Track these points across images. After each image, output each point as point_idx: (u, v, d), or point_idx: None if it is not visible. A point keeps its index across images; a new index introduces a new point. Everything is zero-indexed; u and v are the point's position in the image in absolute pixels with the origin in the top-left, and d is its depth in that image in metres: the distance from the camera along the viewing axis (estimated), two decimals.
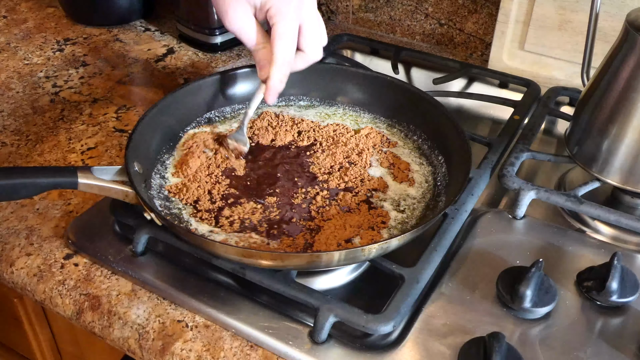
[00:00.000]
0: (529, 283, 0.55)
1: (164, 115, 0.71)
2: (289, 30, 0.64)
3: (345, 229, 0.61)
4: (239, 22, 0.65)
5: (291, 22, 0.64)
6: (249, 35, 0.66)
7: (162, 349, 0.56)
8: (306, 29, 0.66)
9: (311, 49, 0.67)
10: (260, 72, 0.67)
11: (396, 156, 0.73)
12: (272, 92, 0.67)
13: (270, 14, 0.63)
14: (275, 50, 0.64)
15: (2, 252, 0.66)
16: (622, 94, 0.65)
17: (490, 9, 1.00)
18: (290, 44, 0.65)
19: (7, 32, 1.12)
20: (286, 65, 0.66)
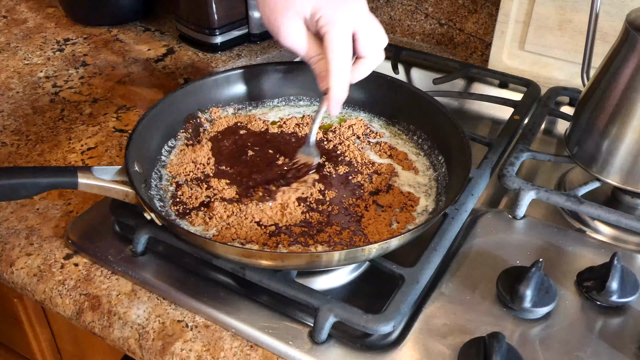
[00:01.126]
0: (529, 283, 0.55)
1: (164, 115, 0.71)
2: (342, 38, 0.62)
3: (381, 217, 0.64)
4: (292, 35, 0.63)
5: (343, 28, 0.61)
6: (304, 48, 0.63)
7: (162, 349, 0.56)
8: (361, 33, 0.63)
9: (370, 53, 0.64)
10: (321, 84, 0.65)
11: (392, 147, 0.74)
12: (335, 103, 0.64)
13: (321, 24, 0.61)
14: (331, 59, 0.62)
15: (2, 252, 0.66)
16: (622, 94, 0.65)
17: (490, 9, 1.00)
18: (345, 51, 0.62)
19: (7, 32, 1.12)
20: (344, 74, 0.63)
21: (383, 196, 0.67)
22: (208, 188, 0.66)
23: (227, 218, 0.62)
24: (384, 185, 0.68)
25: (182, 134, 0.74)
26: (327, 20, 0.61)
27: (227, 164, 0.70)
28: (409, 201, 0.67)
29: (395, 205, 0.66)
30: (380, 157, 0.73)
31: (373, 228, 0.62)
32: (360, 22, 0.63)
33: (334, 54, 0.62)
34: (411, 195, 0.67)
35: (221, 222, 0.62)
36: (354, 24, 0.62)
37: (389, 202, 0.66)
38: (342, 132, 0.76)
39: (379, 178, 0.69)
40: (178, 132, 0.73)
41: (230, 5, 1.02)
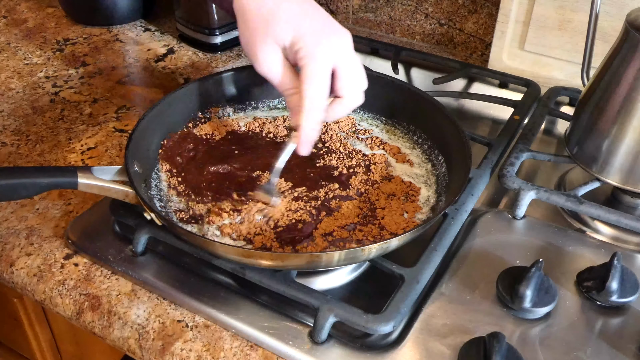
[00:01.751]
0: (529, 283, 0.55)
1: (164, 115, 0.71)
2: (319, 73, 0.58)
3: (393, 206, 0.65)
4: (267, 63, 0.59)
5: (322, 64, 0.58)
6: (279, 78, 0.60)
7: (162, 349, 0.56)
8: (342, 71, 0.59)
9: (349, 92, 0.60)
10: (292, 119, 0.61)
11: (383, 141, 0.75)
12: (305, 142, 0.60)
13: (300, 55, 0.57)
14: (304, 94, 0.58)
15: (2, 252, 0.66)
16: (622, 93, 0.65)
17: (490, 9, 1.00)
18: (321, 87, 0.58)
19: (7, 32, 1.12)
20: (317, 112, 0.59)
21: (386, 184, 0.68)
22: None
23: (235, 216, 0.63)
24: (386, 173, 0.69)
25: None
26: (306, 53, 0.57)
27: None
28: (410, 191, 0.67)
29: (399, 194, 0.66)
30: (372, 149, 0.74)
31: (389, 219, 0.63)
32: (341, 59, 0.59)
33: (309, 90, 0.58)
34: (412, 185, 0.68)
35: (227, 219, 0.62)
36: (335, 60, 0.58)
37: (392, 190, 0.67)
38: (331, 127, 0.77)
39: (377, 167, 0.70)
40: (178, 132, 0.73)
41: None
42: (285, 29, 0.58)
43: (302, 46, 0.57)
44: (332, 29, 0.60)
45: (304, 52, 0.57)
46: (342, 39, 0.60)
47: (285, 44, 0.58)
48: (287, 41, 0.58)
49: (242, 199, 0.65)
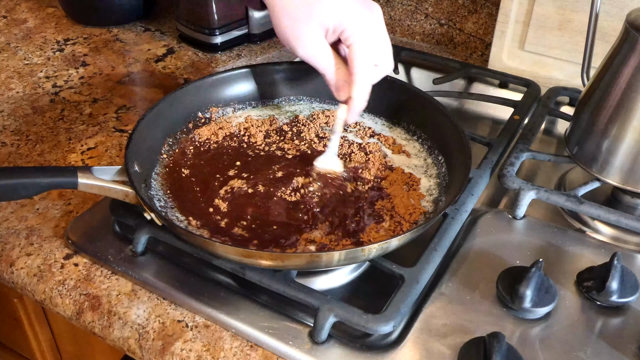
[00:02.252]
0: (529, 283, 0.55)
1: (164, 116, 0.71)
2: (367, 48, 0.63)
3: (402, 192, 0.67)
4: (313, 47, 0.62)
5: (369, 41, 0.63)
6: (326, 60, 0.63)
7: (162, 349, 0.56)
8: (379, 43, 0.64)
9: (384, 62, 0.65)
10: (339, 94, 0.65)
11: (375, 131, 0.76)
12: (355, 112, 0.65)
13: (347, 35, 0.62)
14: (357, 70, 0.62)
15: (2, 252, 0.66)
16: (622, 94, 0.65)
17: (490, 9, 1.00)
18: (370, 62, 0.63)
19: (7, 32, 1.12)
20: (367, 85, 0.64)
21: (389, 174, 0.68)
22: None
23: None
24: (387, 164, 0.71)
25: (181, 134, 0.74)
26: (353, 32, 0.61)
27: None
28: (411, 181, 0.68)
29: (400, 184, 0.67)
30: (362, 139, 0.75)
31: (399, 201, 0.64)
32: (378, 33, 0.64)
33: (360, 66, 0.62)
34: (412, 176, 0.69)
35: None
36: (375, 34, 0.63)
37: (395, 179, 0.68)
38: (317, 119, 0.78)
39: (376, 156, 0.71)
40: (178, 132, 0.73)
41: (230, 5, 1.03)
42: (330, 11, 0.61)
43: (347, 26, 0.61)
44: (367, 4, 0.63)
45: (350, 31, 0.61)
46: (377, 13, 0.64)
47: (329, 27, 0.62)
48: (332, 24, 0.61)
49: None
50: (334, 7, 0.61)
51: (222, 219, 0.62)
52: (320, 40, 0.62)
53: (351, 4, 0.62)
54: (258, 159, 0.71)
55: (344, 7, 0.61)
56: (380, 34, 0.64)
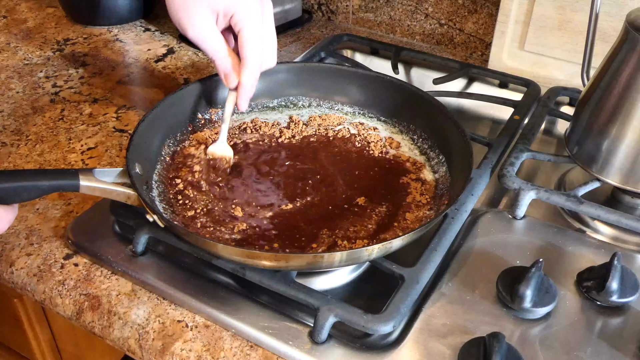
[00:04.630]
0: (529, 283, 0.55)
1: (165, 116, 0.71)
2: (256, 34, 0.64)
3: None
4: (203, 29, 0.64)
5: (258, 26, 0.65)
6: (216, 44, 0.65)
7: (162, 349, 0.56)
8: (265, 36, 0.66)
9: (269, 56, 0.68)
10: (228, 80, 0.67)
11: (361, 123, 0.78)
12: (246, 98, 0.67)
13: (236, 20, 0.63)
14: (247, 54, 0.64)
15: (2, 252, 0.66)
16: (622, 94, 0.65)
17: (490, 9, 1.00)
18: (260, 47, 0.65)
19: (7, 32, 1.12)
20: (257, 70, 0.66)
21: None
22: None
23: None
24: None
25: (182, 135, 0.74)
26: (241, 17, 0.63)
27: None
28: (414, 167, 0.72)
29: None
30: (359, 132, 0.77)
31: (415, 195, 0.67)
32: (266, 25, 0.66)
33: (250, 50, 0.64)
34: (417, 161, 0.72)
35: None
36: (262, 22, 0.65)
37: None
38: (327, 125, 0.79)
39: (379, 144, 0.74)
40: (178, 133, 0.73)
41: None
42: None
43: (236, 10, 0.63)
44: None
45: (239, 15, 0.63)
46: (267, 6, 0.67)
47: (219, 11, 0.63)
48: (221, 8, 0.63)
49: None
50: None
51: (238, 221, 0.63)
52: (210, 23, 0.64)
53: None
54: (260, 159, 0.71)
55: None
56: (267, 27, 0.66)
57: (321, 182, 0.68)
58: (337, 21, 1.18)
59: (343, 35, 1.05)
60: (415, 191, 0.67)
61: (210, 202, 0.65)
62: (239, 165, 0.71)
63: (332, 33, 1.12)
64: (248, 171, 0.70)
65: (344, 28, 1.16)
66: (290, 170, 0.70)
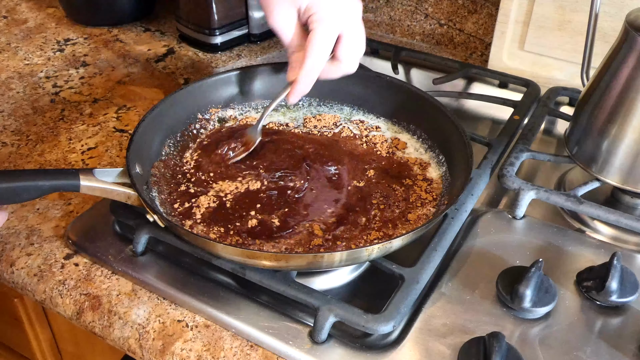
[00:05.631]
0: (528, 283, 0.55)
1: (165, 117, 0.71)
2: (326, 38, 0.63)
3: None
4: (281, 21, 0.64)
5: (330, 29, 0.63)
6: (288, 36, 0.65)
7: (162, 349, 0.56)
8: (346, 38, 0.65)
9: (347, 59, 0.66)
10: (289, 73, 0.67)
11: (362, 120, 0.79)
12: (296, 93, 0.66)
13: (312, 19, 0.63)
14: (308, 55, 0.63)
15: (2, 252, 0.66)
16: (622, 94, 0.65)
17: (490, 9, 1.00)
18: (324, 51, 0.64)
19: (7, 32, 1.12)
20: (315, 72, 0.65)
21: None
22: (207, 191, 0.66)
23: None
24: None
25: (181, 135, 0.74)
26: (319, 17, 0.63)
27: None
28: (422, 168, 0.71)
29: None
30: (362, 132, 0.77)
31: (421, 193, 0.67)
32: (349, 27, 0.64)
33: (313, 51, 0.63)
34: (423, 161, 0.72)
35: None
36: (343, 27, 0.64)
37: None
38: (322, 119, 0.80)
39: (385, 145, 0.75)
40: (178, 133, 0.73)
41: (230, 6, 1.03)
42: None
43: (316, 10, 0.63)
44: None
45: (317, 16, 0.63)
46: (353, 7, 0.65)
47: (301, 7, 0.63)
48: (304, 4, 0.63)
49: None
50: None
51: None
52: (289, 15, 0.64)
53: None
54: (261, 159, 0.71)
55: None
56: (353, 30, 0.65)
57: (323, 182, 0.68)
58: None
59: None
60: (419, 189, 0.68)
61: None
62: (246, 162, 0.71)
63: None
64: (254, 167, 0.70)
65: None
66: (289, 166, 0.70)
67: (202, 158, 0.71)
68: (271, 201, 0.65)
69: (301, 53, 0.65)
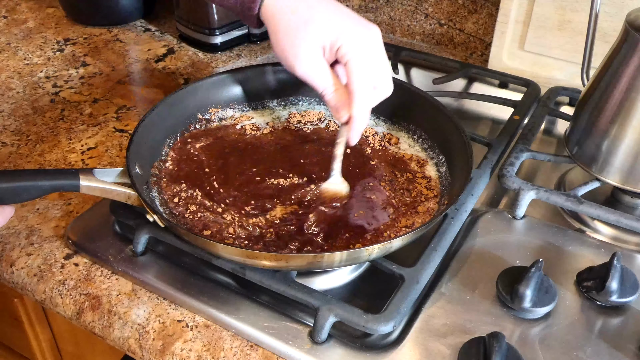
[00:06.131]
0: (528, 283, 0.55)
1: (165, 117, 0.71)
2: (364, 66, 0.61)
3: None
4: (311, 65, 0.61)
5: (364, 57, 0.61)
6: (324, 79, 0.61)
7: (162, 349, 0.56)
8: (377, 64, 0.62)
9: (383, 84, 0.63)
10: (339, 115, 0.63)
11: (377, 132, 0.78)
12: (357, 132, 0.63)
13: (342, 52, 0.60)
14: (355, 87, 0.60)
15: (2, 252, 0.66)
16: (622, 94, 0.65)
17: (490, 9, 1.00)
18: (368, 80, 0.61)
19: (7, 32, 1.12)
20: (368, 103, 0.62)
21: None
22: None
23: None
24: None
25: (181, 135, 0.74)
26: (348, 49, 0.60)
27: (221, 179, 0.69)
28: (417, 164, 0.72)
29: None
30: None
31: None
32: (376, 52, 0.62)
33: (358, 81, 0.60)
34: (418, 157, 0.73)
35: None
36: (372, 53, 0.61)
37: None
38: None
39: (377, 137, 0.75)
40: (178, 133, 0.73)
41: None
42: (326, 28, 0.60)
43: (343, 43, 0.60)
44: (364, 24, 0.62)
45: (346, 48, 0.60)
46: (375, 33, 0.62)
47: (325, 44, 0.60)
48: (328, 41, 0.60)
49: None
50: (329, 24, 0.60)
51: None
52: (317, 58, 0.61)
53: (348, 22, 0.61)
54: (261, 158, 0.71)
55: (340, 24, 0.60)
56: (378, 55, 0.62)
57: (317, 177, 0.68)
58: None
59: None
60: (420, 186, 0.68)
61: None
62: (240, 162, 0.71)
63: None
64: (246, 167, 0.70)
65: None
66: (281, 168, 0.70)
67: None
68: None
69: (340, 91, 0.62)
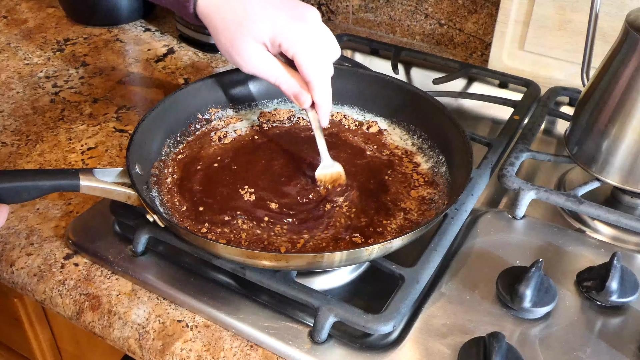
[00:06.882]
0: (528, 283, 0.55)
1: (165, 117, 0.71)
2: (312, 55, 0.62)
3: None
4: (257, 61, 0.62)
5: (310, 47, 0.62)
6: (273, 70, 0.63)
7: (162, 349, 0.56)
8: (320, 46, 0.64)
9: (331, 52, 0.65)
10: (300, 101, 0.65)
11: (346, 115, 0.80)
12: (325, 115, 0.65)
13: (285, 48, 0.61)
14: (310, 76, 0.62)
15: (2, 252, 0.66)
16: (622, 94, 0.65)
17: (490, 9, 1.00)
18: (320, 65, 0.63)
19: (7, 32, 1.12)
20: (327, 85, 0.64)
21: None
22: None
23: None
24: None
25: (181, 135, 0.74)
26: (291, 43, 0.61)
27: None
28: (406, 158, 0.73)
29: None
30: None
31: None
32: (318, 33, 0.63)
33: (310, 70, 0.62)
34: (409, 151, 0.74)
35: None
36: (313, 39, 0.62)
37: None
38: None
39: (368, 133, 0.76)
40: (178, 133, 0.73)
41: None
42: (261, 26, 0.60)
43: (282, 41, 0.61)
44: (299, 15, 0.62)
45: (286, 45, 0.61)
46: (312, 16, 0.63)
47: (265, 41, 0.61)
48: (267, 38, 0.61)
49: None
50: (264, 22, 0.60)
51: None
52: (260, 54, 0.62)
53: (282, 16, 0.61)
54: (261, 158, 0.71)
55: (274, 20, 0.61)
56: (320, 39, 0.63)
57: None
58: (337, 21, 1.18)
59: (343, 36, 1.05)
60: (417, 182, 0.69)
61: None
62: (227, 165, 0.71)
63: (333, 33, 1.12)
64: (236, 167, 0.70)
65: (344, 28, 1.16)
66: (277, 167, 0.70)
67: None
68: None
69: (294, 79, 0.63)
